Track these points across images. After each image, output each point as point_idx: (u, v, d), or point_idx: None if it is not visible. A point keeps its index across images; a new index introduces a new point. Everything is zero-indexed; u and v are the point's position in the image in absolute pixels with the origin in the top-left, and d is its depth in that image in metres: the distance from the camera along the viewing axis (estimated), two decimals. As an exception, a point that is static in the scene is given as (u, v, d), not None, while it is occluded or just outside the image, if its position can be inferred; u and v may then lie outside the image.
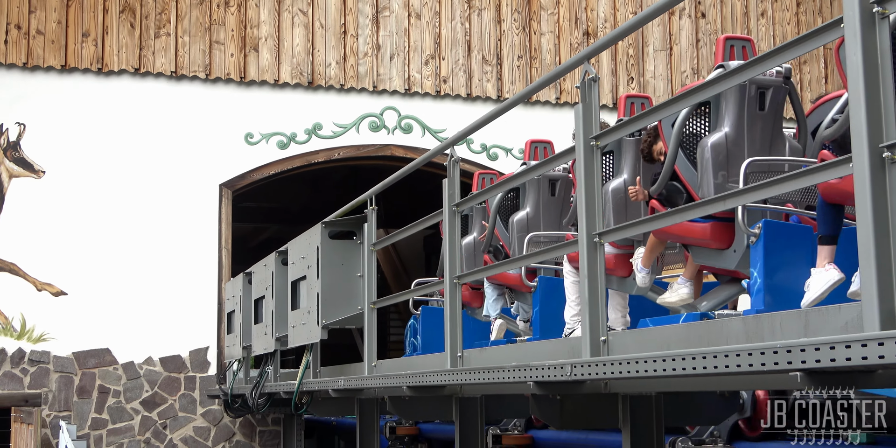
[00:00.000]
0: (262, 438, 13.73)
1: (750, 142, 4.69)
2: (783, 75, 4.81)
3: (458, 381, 5.94)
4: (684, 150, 4.88)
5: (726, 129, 4.74)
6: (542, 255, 5.65)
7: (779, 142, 4.80)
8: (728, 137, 4.70)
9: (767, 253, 4.35)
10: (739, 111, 4.73)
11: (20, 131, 13.19)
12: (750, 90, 4.73)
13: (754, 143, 4.70)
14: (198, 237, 13.66)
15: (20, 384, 12.79)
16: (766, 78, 4.73)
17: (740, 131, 4.71)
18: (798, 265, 4.26)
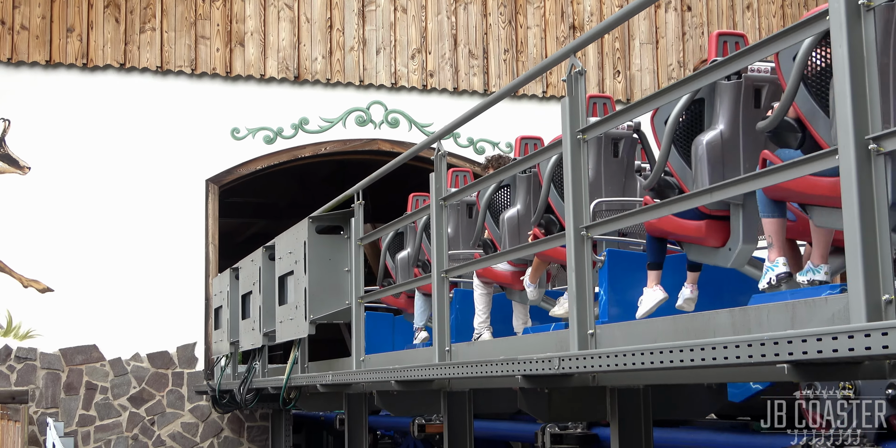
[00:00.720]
0: (250, 434, 13.73)
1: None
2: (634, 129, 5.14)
3: (446, 375, 5.94)
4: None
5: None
6: (526, 249, 5.65)
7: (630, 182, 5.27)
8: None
9: (611, 275, 5.13)
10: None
11: (5, 127, 13.14)
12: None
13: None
14: (184, 233, 13.64)
15: (7, 381, 12.76)
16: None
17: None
18: (635, 285, 4.95)
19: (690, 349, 3.53)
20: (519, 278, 6.84)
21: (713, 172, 4.60)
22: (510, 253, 6.03)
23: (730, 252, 4.72)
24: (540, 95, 14.89)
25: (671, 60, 15.47)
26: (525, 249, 5.74)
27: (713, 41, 4.86)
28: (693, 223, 4.80)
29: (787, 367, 3.38)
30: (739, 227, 4.65)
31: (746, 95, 4.73)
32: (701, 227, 4.79)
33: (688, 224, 4.84)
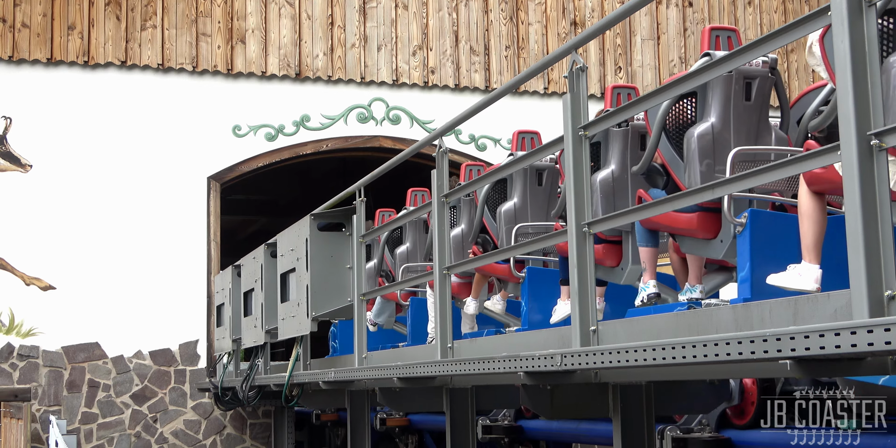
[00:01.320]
0: (252, 431, 13.73)
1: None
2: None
3: (448, 371, 5.94)
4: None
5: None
6: (529, 245, 5.65)
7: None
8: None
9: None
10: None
11: (6, 125, 13.14)
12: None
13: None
14: (186, 230, 13.64)
15: (9, 379, 12.77)
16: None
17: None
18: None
19: (693, 345, 3.53)
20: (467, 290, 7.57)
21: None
22: (509, 251, 6.02)
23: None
24: (541, 92, 14.88)
25: (672, 56, 15.46)
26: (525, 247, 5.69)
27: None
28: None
29: (790, 364, 3.37)
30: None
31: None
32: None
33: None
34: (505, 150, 14.45)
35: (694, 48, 15.57)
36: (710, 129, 4.67)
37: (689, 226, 4.78)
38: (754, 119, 4.79)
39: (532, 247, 5.68)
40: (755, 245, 4.39)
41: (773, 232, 4.45)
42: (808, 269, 3.99)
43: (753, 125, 4.77)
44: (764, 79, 4.80)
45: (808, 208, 4.05)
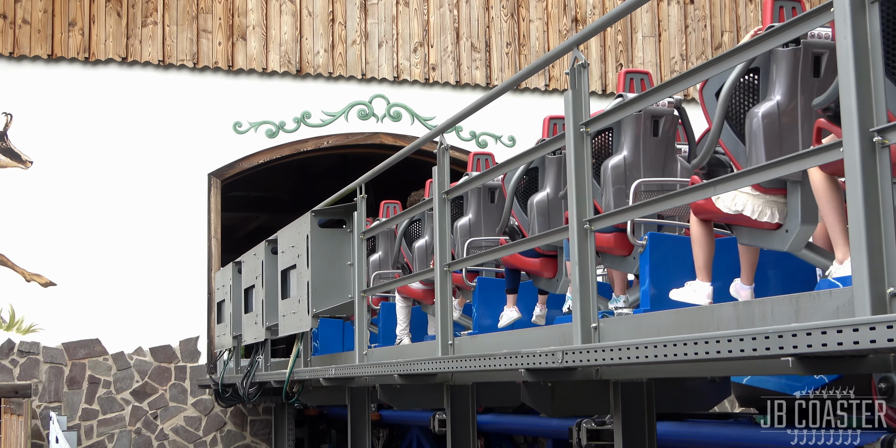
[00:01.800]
0: (253, 428, 13.74)
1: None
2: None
3: (449, 368, 5.94)
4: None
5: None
6: (540, 239, 5.62)
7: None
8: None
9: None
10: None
11: (7, 121, 13.14)
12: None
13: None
14: (187, 227, 13.64)
15: (10, 375, 12.77)
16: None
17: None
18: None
19: (694, 343, 3.52)
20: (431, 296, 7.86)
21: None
22: (522, 244, 5.99)
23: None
24: (542, 88, 14.87)
25: (674, 53, 15.44)
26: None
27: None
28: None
29: (792, 361, 3.36)
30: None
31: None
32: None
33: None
34: (506, 146, 14.46)
35: (695, 45, 15.55)
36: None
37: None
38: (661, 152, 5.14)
39: (544, 240, 5.60)
40: (654, 263, 4.98)
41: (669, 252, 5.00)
42: (700, 286, 4.63)
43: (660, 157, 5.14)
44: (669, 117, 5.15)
45: (697, 234, 4.66)
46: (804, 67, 4.36)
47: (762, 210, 4.41)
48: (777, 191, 4.40)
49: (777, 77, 4.38)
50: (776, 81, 4.38)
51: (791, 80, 4.37)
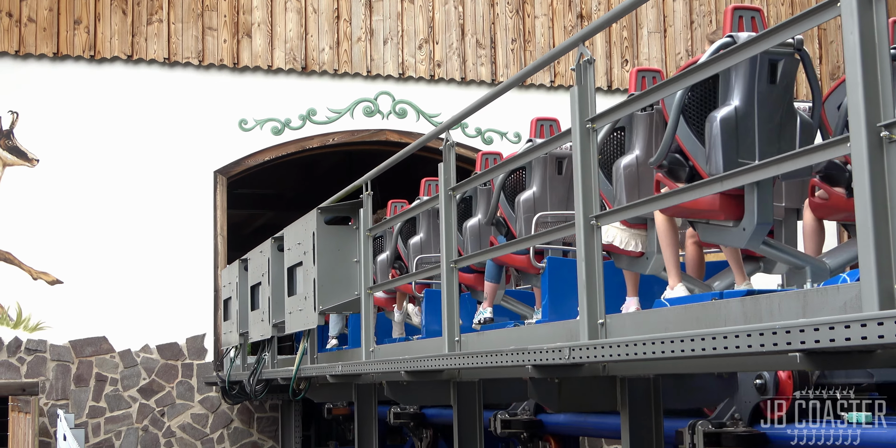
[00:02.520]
0: (259, 425, 13.75)
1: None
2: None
3: (456, 365, 5.93)
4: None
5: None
6: (544, 236, 5.62)
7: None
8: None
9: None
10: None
11: (13, 120, 13.15)
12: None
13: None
14: (193, 224, 13.65)
15: (17, 373, 12.79)
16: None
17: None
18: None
19: (702, 338, 3.52)
20: (391, 304, 9.31)
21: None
22: (524, 241, 6.00)
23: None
24: (548, 85, 14.86)
25: (679, 49, 15.42)
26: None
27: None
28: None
29: (800, 356, 3.36)
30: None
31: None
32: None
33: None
34: (512, 143, 14.45)
35: (701, 41, 15.52)
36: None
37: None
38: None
39: (547, 237, 5.61)
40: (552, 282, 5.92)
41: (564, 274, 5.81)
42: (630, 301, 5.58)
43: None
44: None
45: None
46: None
47: (628, 241, 5.46)
48: (640, 226, 5.43)
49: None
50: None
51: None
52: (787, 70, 4.61)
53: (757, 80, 4.53)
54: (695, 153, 4.70)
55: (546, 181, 6.71)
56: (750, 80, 4.53)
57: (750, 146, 4.49)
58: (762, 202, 4.48)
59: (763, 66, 4.53)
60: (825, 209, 4.89)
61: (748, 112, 4.52)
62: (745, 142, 4.50)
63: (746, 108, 4.52)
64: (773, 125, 4.57)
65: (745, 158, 4.44)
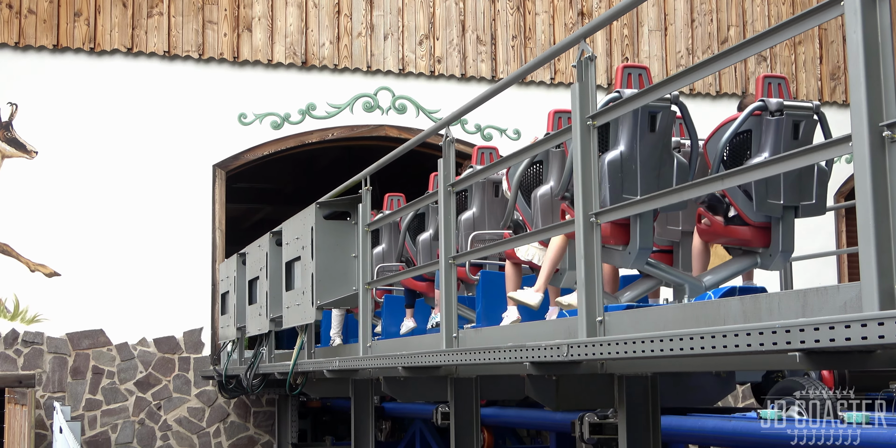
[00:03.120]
0: (256, 419, 13.75)
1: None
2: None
3: (453, 361, 5.93)
4: None
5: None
6: (544, 233, 5.62)
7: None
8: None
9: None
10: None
11: (12, 111, 13.13)
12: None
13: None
14: (191, 218, 13.64)
15: (14, 365, 12.78)
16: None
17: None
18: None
19: (701, 337, 3.51)
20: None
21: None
22: (532, 235, 5.96)
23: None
24: (548, 82, 14.85)
25: (680, 47, 15.41)
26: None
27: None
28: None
29: (799, 356, 3.36)
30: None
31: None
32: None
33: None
34: (511, 140, 14.44)
35: (701, 39, 15.52)
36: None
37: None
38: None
39: (547, 234, 5.63)
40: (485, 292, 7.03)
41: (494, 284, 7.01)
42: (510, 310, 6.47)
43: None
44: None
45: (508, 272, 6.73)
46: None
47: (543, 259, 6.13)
48: None
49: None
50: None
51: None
52: (664, 120, 5.46)
53: (639, 129, 5.41)
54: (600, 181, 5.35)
55: (485, 204, 7.61)
56: (633, 129, 5.40)
57: (633, 184, 5.36)
58: (643, 231, 5.32)
59: (644, 117, 5.40)
60: (709, 234, 5.62)
61: (631, 155, 5.39)
62: (629, 180, 5.36)
63: (630, 152, 5.39)
64: (652, 166, 5.42)
65: (629, 194, 5.30)
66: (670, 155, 5.53)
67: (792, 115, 5.41)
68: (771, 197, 5.37)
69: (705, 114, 15.49)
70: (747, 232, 5.50)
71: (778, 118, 5.36)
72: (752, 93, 5.69)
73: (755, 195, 5.35)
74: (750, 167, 3.92)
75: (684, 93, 15.30)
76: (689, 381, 5.99)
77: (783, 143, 5.33)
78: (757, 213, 5.40)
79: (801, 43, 15.93)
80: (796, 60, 15.90)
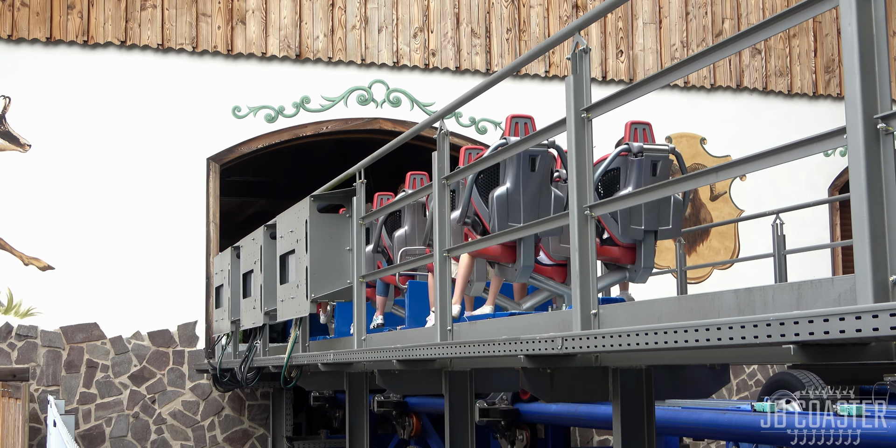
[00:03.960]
0: (251, 412, 13.75)
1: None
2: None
3: (448, 354, 5.93)
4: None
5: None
6: (527, 229, 5.62)
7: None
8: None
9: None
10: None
11: (5, 105, 13.10)
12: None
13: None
14: (185, 211, 13.62)
15: (7, 359, 12.77)
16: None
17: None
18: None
19: (695, 330, 3.50)
20: None
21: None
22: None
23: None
24: (542, 75, 14.84)
25: (674, 40, 15.41)
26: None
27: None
28: None
29: (794, 348, 3.35)
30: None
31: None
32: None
33: None
34: (505, 133, 14.43)
35: (696, 32, 15.52)
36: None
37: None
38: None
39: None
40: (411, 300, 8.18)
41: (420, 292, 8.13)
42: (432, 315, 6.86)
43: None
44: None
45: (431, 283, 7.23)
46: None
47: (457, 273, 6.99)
48: None
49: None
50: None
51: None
52: (543, 162, 6.67)
53: (521, 170, 6.62)
54: (484, 215, 6.75)
55: (415, 223, 8.51)
56: (517, 169, 6.62)
57: (517, 213, 6.60)
58: (526, 252, 6.60)
59: (525, 159, 6.62)
60: None
61: (516, 191, 6.62)
62: (514, 210, 6.61)
63: (515, 188, 6.62)
64: (533, 199, 6.63)
65: (514, 221, 6.55)
66: (548, 189, 6.71)
67: (650, 156, 6.52)
68: (634, 223, 6.51)
69: (700, 107, 15.52)
70: (617, 251, 6.66)
71: (640, 159, 6.48)
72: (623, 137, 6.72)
73: (620, 222, 6.49)
74: (748, 158, 3.91)
75: (679, 85, 15.30)
76: (684, 374, 6.00)
77: (644, 178, 6.44)
78: (623, 236, 6.54)
79: (795, 35, 15.93)
80: (791, 53, 15.89)
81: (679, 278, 12.24)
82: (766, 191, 15.23)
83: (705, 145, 15.50)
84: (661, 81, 4.45)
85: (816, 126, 9.37)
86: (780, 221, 10.93)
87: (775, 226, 10.95)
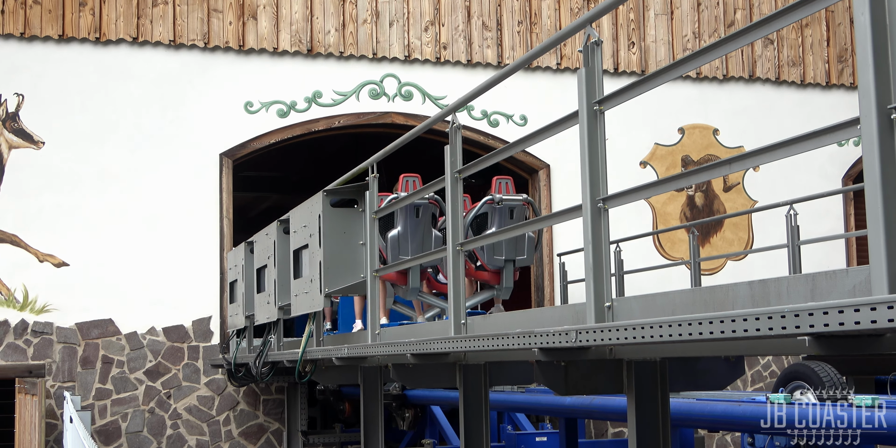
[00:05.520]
0: (265, 407, 13.78)
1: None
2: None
3: (462, 348, 5.93)
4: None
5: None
6: (413, 261, 5.62)
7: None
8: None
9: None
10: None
11: (18, 102, 13.14)
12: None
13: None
14: (199, 207, 13.65)
15: (24, 355, 12.82)
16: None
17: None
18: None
19: (710, 322, 3.49)
20: None
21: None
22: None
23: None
24: (554, 67, 14.82)
25: (686, 31, 15.36)
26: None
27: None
28: None
29: (809, 340, 3.34)
30: None
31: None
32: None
33: None
34: (518, 125, 14.43)
35: (707, 23, 15.47)
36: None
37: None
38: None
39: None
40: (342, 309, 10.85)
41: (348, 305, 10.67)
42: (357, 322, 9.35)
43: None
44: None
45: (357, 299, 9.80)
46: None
47: None
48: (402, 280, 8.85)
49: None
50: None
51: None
52: (425, 211, 8.67)
53: (408, 216, 8.64)
54: (385, 250, 8.59)
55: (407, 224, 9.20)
56: (405, 216, 8.64)
57: (406, 249, 8.56)
58: (413, 278, 8.65)
59: (411, 209, 8.62)
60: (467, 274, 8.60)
61: (405, 233, 8.64)
62: (404, 247, 8.59)
63: (404, 230, 8.65)
64: (418, 239, 8.63)
65: (403, 255, 8.47)
66: (430, 231, 8.73)
67: (508, 204, 8.83)
68: (496, 254, 8.81)
69: (713, 98, 15.47)
70: (487, 274, 8.95)
71: (501, 207, 8.77)
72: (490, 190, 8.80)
73: (486, 254, 8.78)
74: (762, 149, 3.90)
75: (691, 76, 15.26)
76: (698, 366, 5.98)
77: (504, 220, 8.74)
78: (490, 263, 8.80)
79: (808, 25, 15.86)
80: (803, 43, 15.83)
81: (693, 270, 12.23)
82: (780, 181, 15.19)
83: (718, 136, 15.46)
84: (674, 73, 4.44)
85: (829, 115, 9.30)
86: (794, 212, 10.90)
87: (789, 216, 10.92)
